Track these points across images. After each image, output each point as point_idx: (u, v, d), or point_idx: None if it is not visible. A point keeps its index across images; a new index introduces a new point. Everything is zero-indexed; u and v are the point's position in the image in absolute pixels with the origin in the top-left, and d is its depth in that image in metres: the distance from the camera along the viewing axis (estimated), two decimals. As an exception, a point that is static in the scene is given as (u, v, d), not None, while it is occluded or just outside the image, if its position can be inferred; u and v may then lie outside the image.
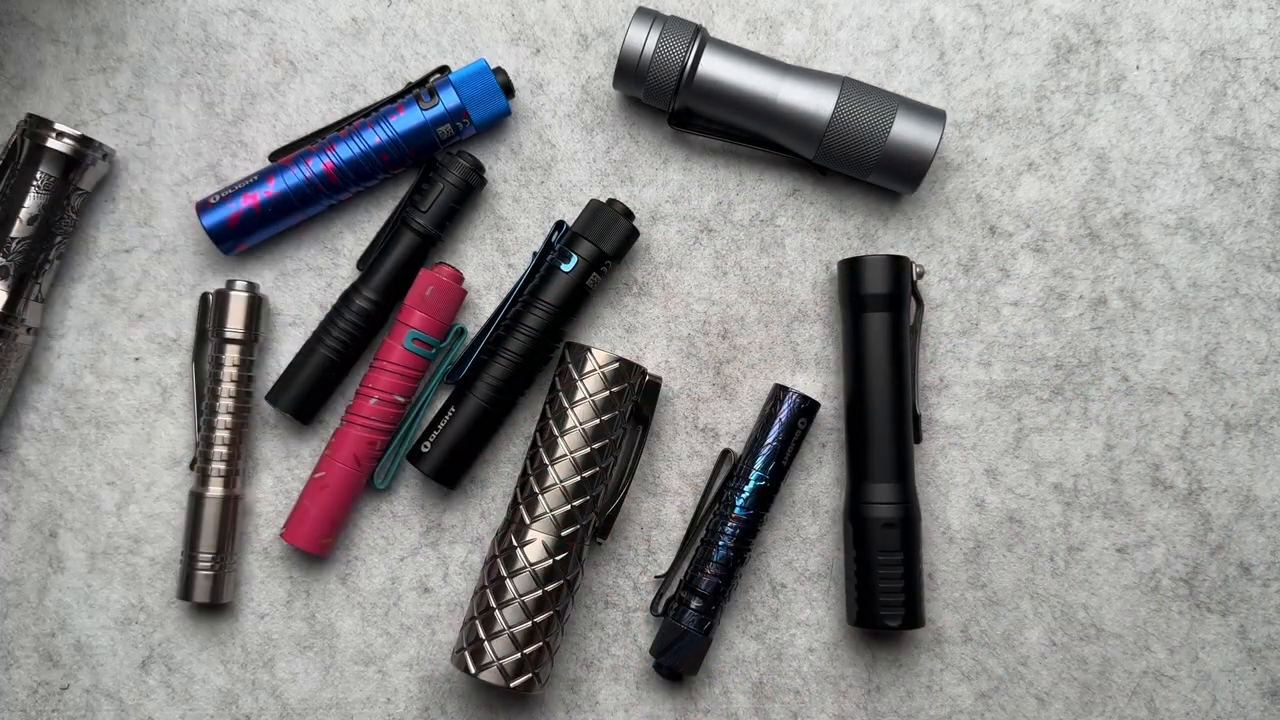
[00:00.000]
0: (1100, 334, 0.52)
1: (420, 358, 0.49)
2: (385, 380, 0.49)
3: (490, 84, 0.49)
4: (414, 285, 0.50)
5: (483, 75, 0.49)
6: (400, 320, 0.50)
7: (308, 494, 0.50)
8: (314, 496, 0.50)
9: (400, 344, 0.49)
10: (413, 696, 0.52)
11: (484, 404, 0.49)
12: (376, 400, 0.49)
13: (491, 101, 0.49)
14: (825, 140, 0.49)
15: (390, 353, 0.49)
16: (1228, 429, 0.52)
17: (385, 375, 0.49)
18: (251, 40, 0.52)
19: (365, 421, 0.49)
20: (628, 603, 0.52)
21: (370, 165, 0.49)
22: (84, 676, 0.52)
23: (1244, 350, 0.52)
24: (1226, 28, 0.52)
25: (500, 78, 0.49)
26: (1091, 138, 0.52)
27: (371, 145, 0.49)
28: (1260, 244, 0.52)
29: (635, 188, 0.52)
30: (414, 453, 0.50)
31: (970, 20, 0.52)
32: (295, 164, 0.49)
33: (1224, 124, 0.52)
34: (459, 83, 0.49)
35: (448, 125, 0.49)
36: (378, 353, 0.50)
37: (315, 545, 0.50)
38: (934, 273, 0.52)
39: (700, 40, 0.49)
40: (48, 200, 0.49)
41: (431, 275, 0.49)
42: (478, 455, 0.50)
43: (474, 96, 0.49)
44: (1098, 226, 0.52)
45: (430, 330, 0.49)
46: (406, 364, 0.49)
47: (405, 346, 0.49)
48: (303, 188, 0.49)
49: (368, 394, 0.49)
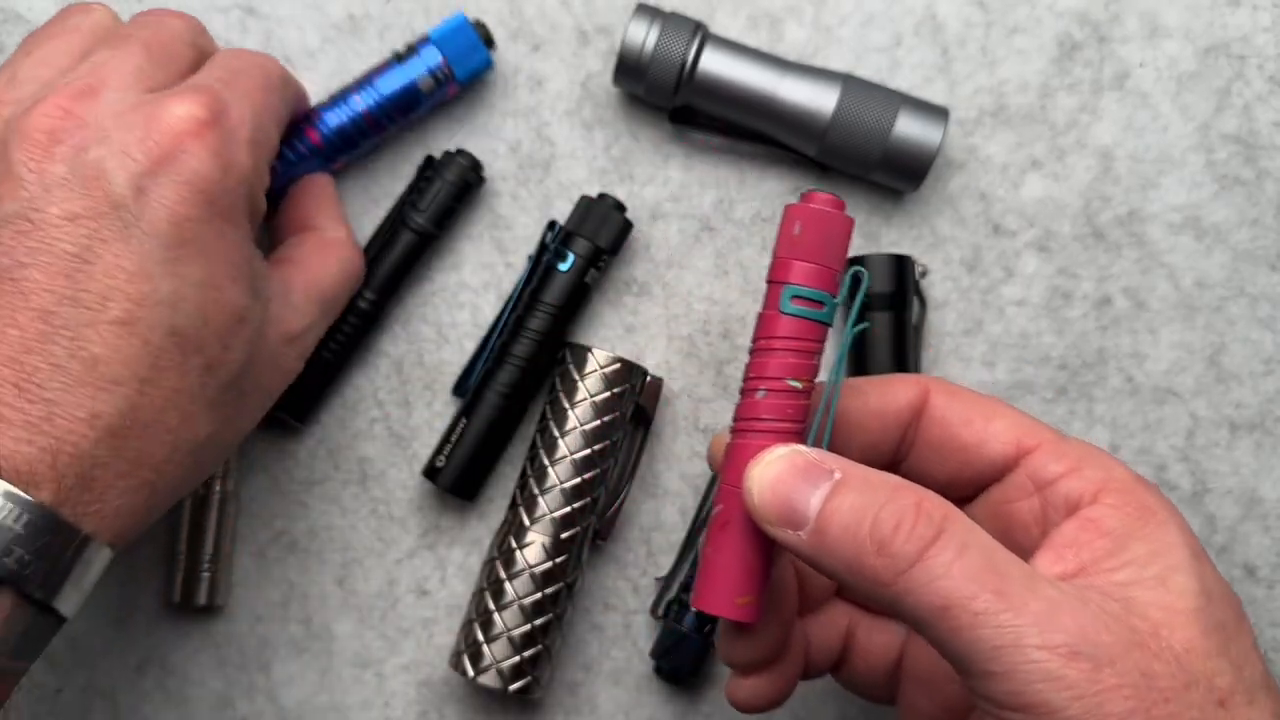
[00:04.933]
0: (1105, 334, 0.52)
1: (811, 321, 0.35)
2: (772, 364, 0.34)
3: (470, 38, 0.49)
4: (781, 228, 0.36)
5: (462, 30, 0.49)
6: (772, 279, 0.36)
7: (709, 539, 0.35)
8: (716, 541, 0.35)
9: (777, 309, 0.35)
10: (410, 700, 0.51)
11: (495, 411, 0.49)
12: (765, 393, 0.34)
13: (473, 55, 0.49)
14: (827, 138, 0.49)
15: (770, 325, 0.35)
16: (1233, 429, 0.52)
17: (770, 357, 0.35)
18: (248, 37, 0.52)
19: (762, 425, 0.34)
20: (628, 605, 0.52)
21: (357, 129, 0.49)
22: (79, 678, 0.51)
23: (1249, 350, 0.52)
24: (1231, 25, 0.52)
25: (481, 32, 0.49)
26: (1096, 135, 0.52)
27: (359, 111, 0.48)
28: (1266, 243, 0.52)
29: (635, 185, 0.52)
30: (429, 468, 0.49)
31: (974, 16, 0.52)
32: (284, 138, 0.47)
33: (1229, 122, 0.52)
34: (438, 38, 0.48)
35: (429, 78, 0.48)
36: (755, 330, 0.37)
37: (730, 607, 0.34)
38: (937, 271, 0.52)
39: (701, 37, 0.48)
40: (42, 199, 0.49)
41: (800, 208, 0.36)
42: (495, 464, 0.50)
43: (455, 52, 0.48)
44: (1102, 225, 0.52)
45: (816, 282, 0.35)
46: (795, 334, 0.35)
47: (785, 311, 0.34)
48: (290, 157, 0.48)
49: (753, 387, 0.35)
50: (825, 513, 0.31)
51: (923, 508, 0.30)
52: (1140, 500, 0.32)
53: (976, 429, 0.36)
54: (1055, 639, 0.27)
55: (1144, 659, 0.28)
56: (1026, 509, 0.35)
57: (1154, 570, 0.30)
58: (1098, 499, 0.33)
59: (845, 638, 0.41)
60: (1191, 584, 0.30)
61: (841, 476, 0.31)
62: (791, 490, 0.32)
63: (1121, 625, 0.28)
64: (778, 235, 0.35)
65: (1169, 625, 0.29)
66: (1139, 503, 0.32)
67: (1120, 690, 0.27)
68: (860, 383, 0.38)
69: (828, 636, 0.40)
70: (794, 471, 0.32)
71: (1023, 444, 0.35)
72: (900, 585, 0.29)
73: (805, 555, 0.32)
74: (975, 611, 0.28)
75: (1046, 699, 0.27)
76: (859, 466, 0.32)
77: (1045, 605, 0.28)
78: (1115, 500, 0.32)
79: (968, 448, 0.36)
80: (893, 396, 0.37)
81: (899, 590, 0.29)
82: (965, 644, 0.28)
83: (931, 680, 0.38)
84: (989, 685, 0.28)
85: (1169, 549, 0.31)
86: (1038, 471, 0.35)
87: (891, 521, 0.29)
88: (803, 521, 0.31)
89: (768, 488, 0.32)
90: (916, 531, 0.29)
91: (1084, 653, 0.27)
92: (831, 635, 0.40)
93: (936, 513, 0.30)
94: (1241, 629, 0.31)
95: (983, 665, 0.28)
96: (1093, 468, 0.34)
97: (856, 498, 0.30)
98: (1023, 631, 0.27)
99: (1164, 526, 0.32)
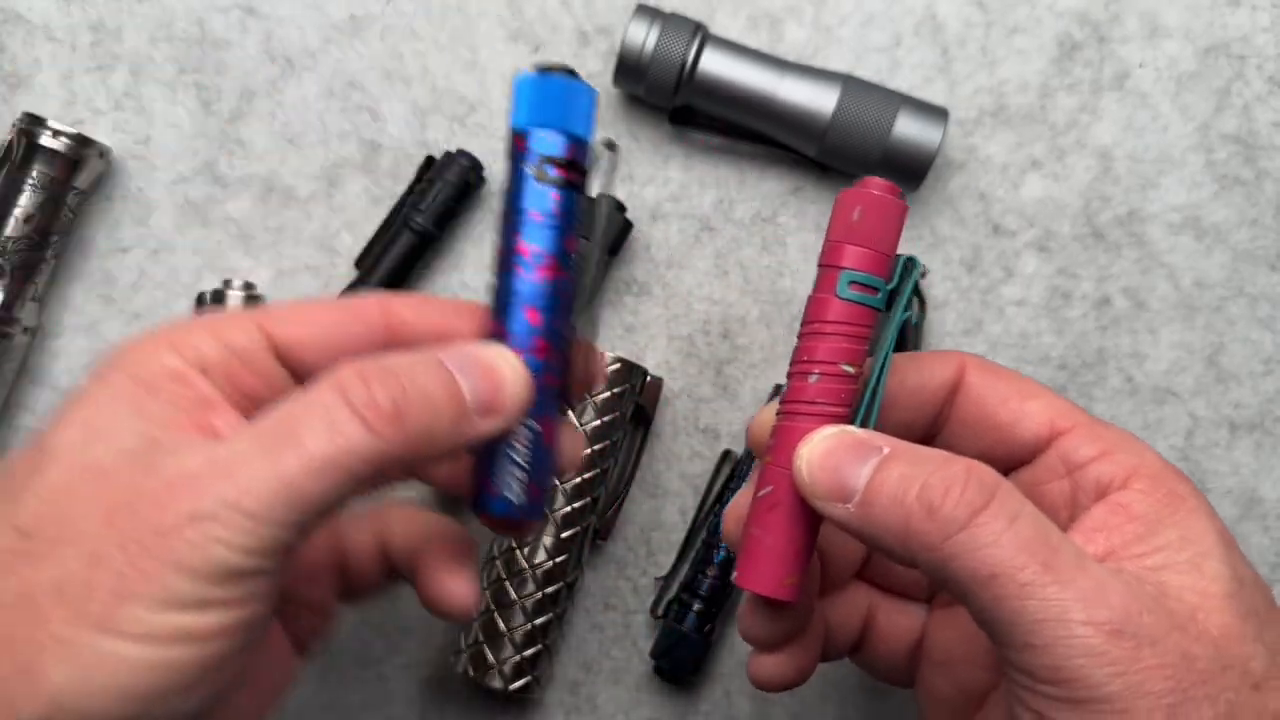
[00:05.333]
0: (1105, 334, 0.52)
1: (865, 307, 0.34)
2: (825, 347, 0.34)
3: (555, 90, 0.33)
4: (834, 213, 0.35)
5: (534, 85, 0.34)
6: (826, 264, 0.35)
7: (754, 519, 0.35)
8: (763, 521, 0.34)
9: (833, 294, 0.34)
10: (411, 700, 0.51)
11: None
12: (818, 376, 0.34)
13: (573, 106, 0.33)
14: (827, 138, 0.49)
15: (824, 309, 0.34)
16: (1232, 429, 0.52)
17: (823, 341, 0.34)
18: (248, 37, 0.52)
19: (812, 408, 0.34)
20: (627, 605, 0.52)
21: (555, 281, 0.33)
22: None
23: (1249, 350, 0.52)
24: (1231, 25, 0.52)
25: (560, 72, 0.33)
26: (1096, 135, 0.52)
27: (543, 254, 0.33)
28: (1265, 243, 0.52)
29: (635, 186, 0.52)
30: None
31: (973, 16, 0.52)
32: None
33: (1229, 122, 0.52)
34: (529, 118, 0.34)
35: (543, 165, 0.34)
36: (806, 314, 0.35)
37: (776, 586, 0.34)
38: (937, 271, 0.52)
39: (701, 37, 0.48)
40: (44, 199, 0.49)
41: (858, 193, 0.35)
42: None
43: (554, 115, 0.34)
44: (1102, 225, 0.52)
45: (872, 267, 0.34)
46: (849, 319, 0.34)
47: (841, 296, 0.34)
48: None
49: (804, 370, 0.34)
50: (874, 483, 0.31)
51: (974, 473, 0.29)
52: (1170, 487, 0.32)
53: (1012, 408, 0.36)
54: (1100, 615, 0.27)
55: (1184, 641, 0.28)
56: (1056, 491, 0.35)
57: (1186, 555, 0.30)
58: (1128, 484, 0.33)
59: (865, 619, 0.40)
60: (1224, 570, 0.30)
61: (890, 451, 0.31)
62: (841, 463, 0.32)
63: (1161, 607, 0.28)
64: (832, 220, 0.35)
65: (1204, 609, 0.29)
66: (1169, 489, 0.32)
67: (1161, 670, 0.27)
68: (898, 359, 0.37)
69: (848, 617, 0.40)
70: (843, 447, 0.32)
71: (1056, 426, 0.35)
72: (948, 549, 0.29)
73: (854, 528, 0.31)
74: (1022, 582, 0.28)
75: (1087, 674, 0.27)
76: (907, 443, 0.32)
77: (1092, 583, 0.28)
78: (1145, 486, 0.32)
79: (1002, 426, 0.36)
80: (930, 373, 0.37)
81: (946, 554, 0.29)
82: (1009, 614, 0.28)
83: (951, 663, 0.38)
84: (1028, 657, 0.28)
85: (1200, 535, 0.31)
86: (1069, 454, 0.34)
87: (941, 487, 0.29)
88: (851, 494, 0.31)
89: (817, 463, 0.32)
90: (966, 497, 0.29)
91: (1127, 631, 0.27)
92: (852, 616, 0.40)
93: (989, 479, 0.29)
94: (1273, 615, 0.31)
95: (1024, 637, 0.28)
96: (1125, 453, 0.34)
97: (906, 468, 0.30)
98: (1068, 606, 0.27)
99: (1195, 513, 0.32)
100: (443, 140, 0.52)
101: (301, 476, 0.27)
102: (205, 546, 0.26)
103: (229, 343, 0.32)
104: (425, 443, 0.29)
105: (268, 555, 0.27)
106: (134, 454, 0.28)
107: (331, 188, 0.52)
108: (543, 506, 0.35)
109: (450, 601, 0.36)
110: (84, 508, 0.27)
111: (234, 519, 0.26)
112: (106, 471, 0.28)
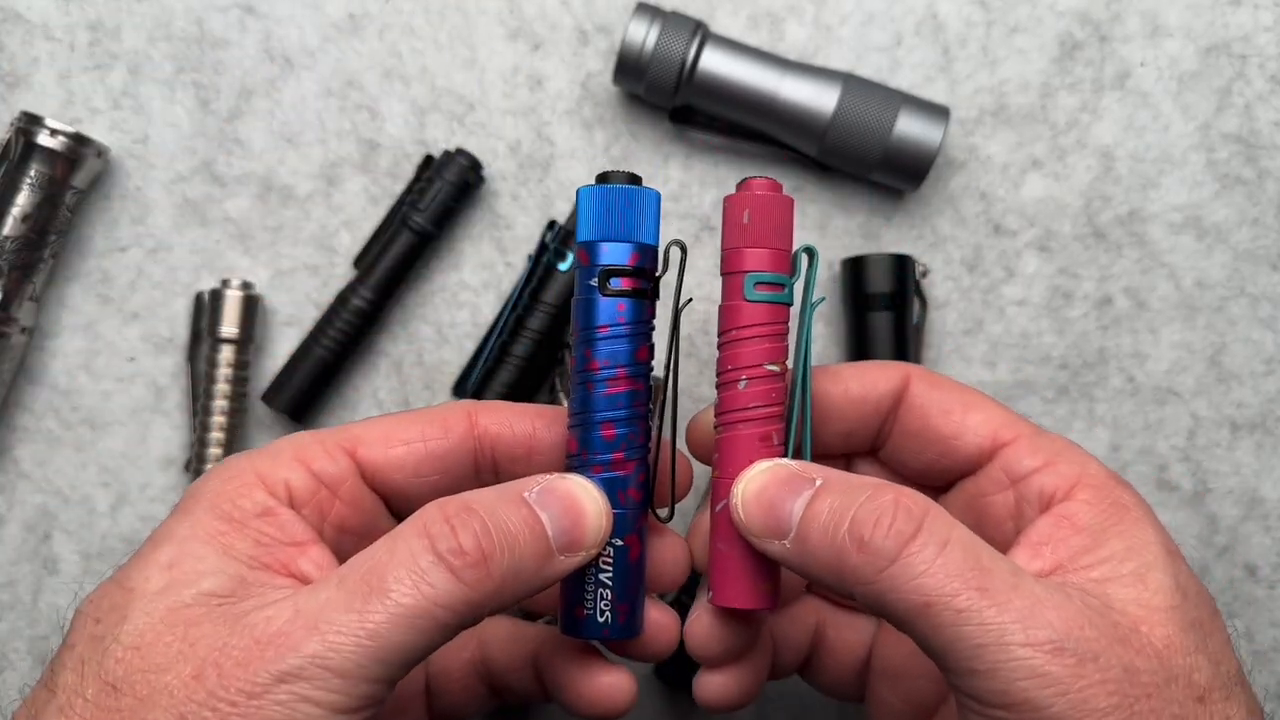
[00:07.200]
0: (1106, 333, 0.52)
1: (776, 305, 0.34)
2: (747, 351, 0.34)
3: (616, 198, 0.33)
4: (725, 219, 0.35)
5: (598, 198, 0.33)
6: (729, 271, 0.35)
7: (718, 534, 0.34)
8: (727, 535, 0.34)
9: (742, 299, 0.34)
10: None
11: None
12: (746, 382, 0.34)
13: (637, 212, 0.33)
14: (827, 137, 0.49)
15: (736, 315, 0.34)
16: (1234, 429, 0.52)
17: (743, 346, 0.34)
18: (247, 36, 0.51)
19: (747, 414, 0.34)
20: (628, 605, 0.52)
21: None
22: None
23: (1250, 350, 0.52)
24: (1233, 24, 0.52)
25: (619, 178, 0.33)
26: (1097, 135, 0.52)
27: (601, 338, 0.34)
28: (1266, 243, 0.52)
29: (635, 186, 0.52)
30: None
31: (974, 16, 0.52)
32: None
33: (1230, 121, 0.52)
34: (594, 234, 0.34)
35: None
36: (721, 324, 0.35)
37: (756, 597, 0.34)
38: (938, 271, 0.52)
39: (701, 36, 0.48)
40: (42, 198, 0.48)
41: (743, 197, 0.34)
42: None
43: (615, 224, 0.33)
44: (1103, 225, 0.52)
45: (773, 266, 0.34)
46: (763, 319, 0.34)
47: (750, 299, 0.34)
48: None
49: (732, 379, 0.34)
50: (807, 518, 0.31)
51: (901, 503, 0.29)
52: (1114, 496, 0.32)
53: (954, 420, 0.36)
54: (1039, 635, 0.27)
55: (1126, 655, 0.28)
56: (1001, 502, 0.35)
57: (1130, 567, 0.30)
58: (1071, 495, 0.33)
59: (814, 635, 0.40)
60: (1167, 581, 0.30)
61: (823, 483, 0.31)
62: (775, 500, 0.32)
63: (1104, 621, 0.28)
64: (724, 227, 0.35)
65: (1148, 622, 0.29)
66: (1113, 499, 0.32)
67: (1104, 686, 0.27)
68: (840, 369, 0.37)
69: (797, 634, 0.40)
70: (776, 483, 0.32)
71: (999, 437, 0.35)
72: (882, 583, 0.28)
73: (793, 565, 0.31)
74: (958, 609, 0.27)
75: (1030, 696, 0.27)
76: (841, 473, 0.32)
77: (1028, 601, 0.27)
78: (1089, 496, 0.32)
79: (945, 438, 0.36)
80: (873, 383, 0.37)
81: (881, 588, 0.28)
82: (948, 642, 0.27)
83: (900, 676, 0.38)
84: (973, 683, 0.28)
85: (1144, 546, 0.31)
86: (1012, 465, 0.34)
87: (870, 519, 0.29)
88: (787, 530, 0.31)
89: (751, 500, 0.32)
90: (895, 527, 0.29)
91: (1068, 648, 0.27)
92: (801, 632, 0.40)
93: (916, 508, 0.29)
94: (1216, 625, 0.31)
95: (966, 663, 0.27)
96: (1067, 463, 0.33)
97: (837, 499, 0.30)
98: (1006, 629, 0.27)
99: (1139, 523, 0.31)
100: (442, 139, 0.52)
101: (389, 629, 0.27)
102: (295, 707, 0.26)
103: (318, 473, 0.32)
104: (512, 586, 0.29)
105: (356, 712, 0.27)
106: (220, 599, 0.28)
107: (330, 187, 0.52)
108: (636, 623, 0.35)
109: (613, 697, 0.36)
110: (171, 663, 0.27)
111: (323, 678, 0.26)
112: (192, 621, 0.28)
